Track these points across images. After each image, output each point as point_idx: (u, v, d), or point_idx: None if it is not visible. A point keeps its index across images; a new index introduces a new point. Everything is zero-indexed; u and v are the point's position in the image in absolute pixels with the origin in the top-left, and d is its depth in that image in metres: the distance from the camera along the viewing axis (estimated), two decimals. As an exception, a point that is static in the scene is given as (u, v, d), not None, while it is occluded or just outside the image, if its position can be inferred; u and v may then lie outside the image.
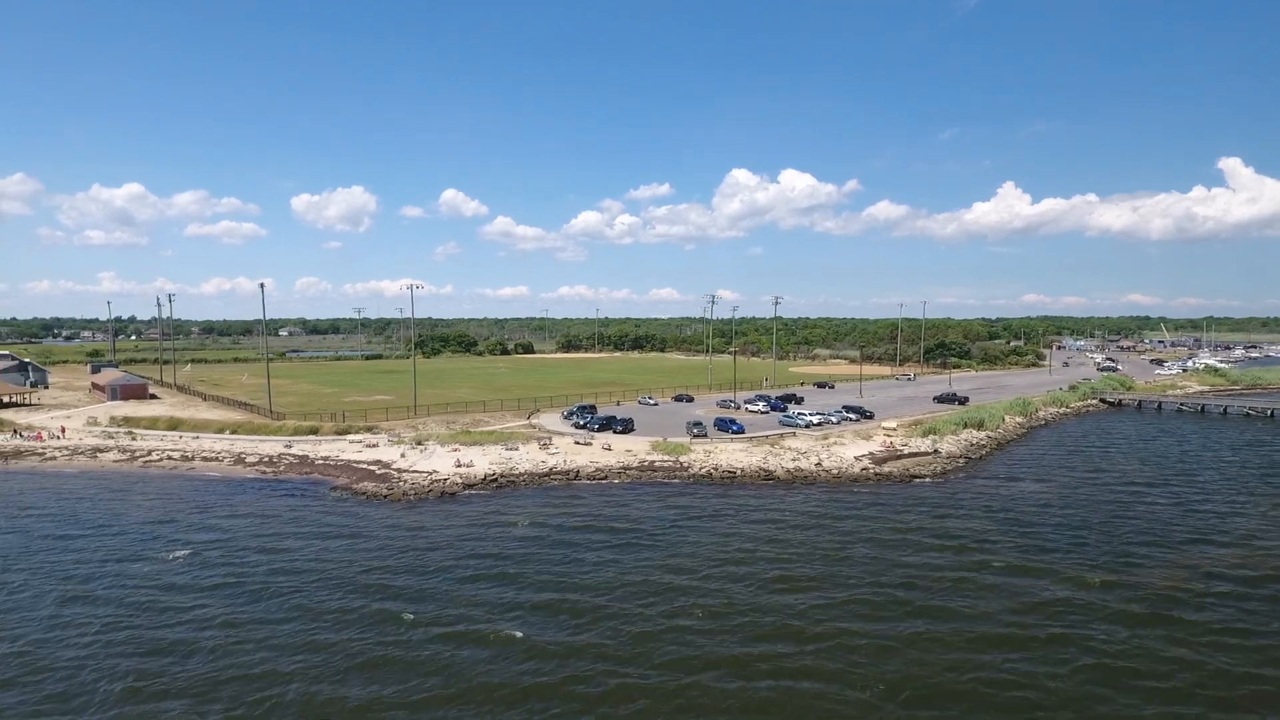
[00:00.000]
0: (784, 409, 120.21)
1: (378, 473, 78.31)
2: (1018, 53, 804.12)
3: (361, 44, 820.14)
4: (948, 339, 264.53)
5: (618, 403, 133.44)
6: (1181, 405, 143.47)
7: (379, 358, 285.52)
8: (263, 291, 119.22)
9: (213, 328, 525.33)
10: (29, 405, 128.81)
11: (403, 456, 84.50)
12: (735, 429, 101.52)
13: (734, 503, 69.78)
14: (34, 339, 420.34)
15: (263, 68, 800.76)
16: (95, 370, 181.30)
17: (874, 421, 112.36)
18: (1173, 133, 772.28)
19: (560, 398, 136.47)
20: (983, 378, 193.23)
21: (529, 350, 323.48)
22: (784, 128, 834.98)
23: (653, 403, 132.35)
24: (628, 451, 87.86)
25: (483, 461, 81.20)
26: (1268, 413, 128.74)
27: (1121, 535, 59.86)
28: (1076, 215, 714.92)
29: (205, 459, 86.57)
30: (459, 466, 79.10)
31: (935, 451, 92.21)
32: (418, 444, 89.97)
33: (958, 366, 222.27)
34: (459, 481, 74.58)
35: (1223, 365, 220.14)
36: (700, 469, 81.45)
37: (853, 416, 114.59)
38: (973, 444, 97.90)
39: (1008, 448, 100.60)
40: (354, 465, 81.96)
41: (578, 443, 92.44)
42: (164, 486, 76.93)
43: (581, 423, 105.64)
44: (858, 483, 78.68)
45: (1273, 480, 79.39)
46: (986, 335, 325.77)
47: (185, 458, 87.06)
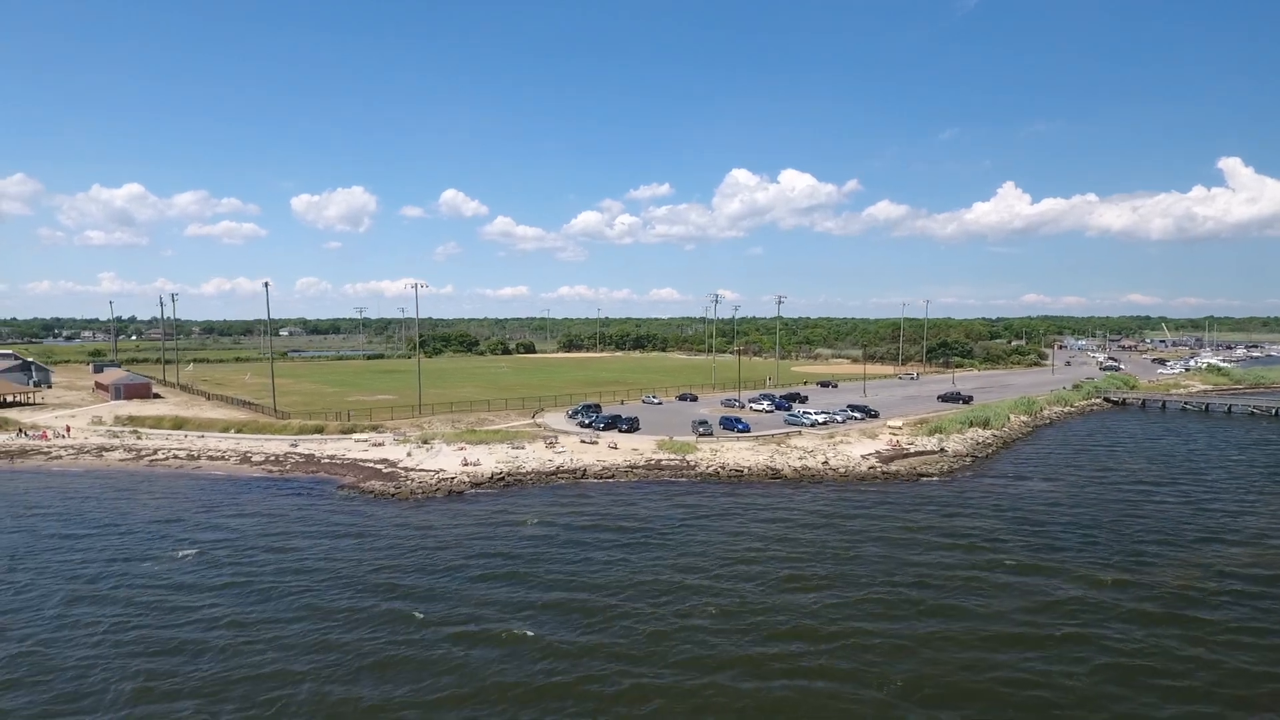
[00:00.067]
0: (789, 408, 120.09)
1: (384, 471, 78.15)
2: (1018, 53, 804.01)
3: (361, 44, 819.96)
4: (950, 338, 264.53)
5: (622, 402, 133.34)
6: (1186, 404, 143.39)
7: (380, 357, 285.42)
8: (267, 291, 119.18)
9: (213, 328, 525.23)
10: (33, 404, 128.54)
11: (409, 455, 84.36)
12: (741, 428, 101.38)
13: (742, 501, 69.62)
14: (34, 339, 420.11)
15: (263, 68, 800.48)
16: (98, 370, 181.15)
17: (879, 420, 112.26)
18: (1173, 133, 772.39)
19: (564, 397, 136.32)
20: (985, 377, 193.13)
21: (530, 350, 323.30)
22: (784, 128, 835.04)
23: (657, 402, 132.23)
24: (634, 450, 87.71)
25: (489, 460, 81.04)
26: (1272, 411, 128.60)
27: (1132, 534, 59.69)
28: (1076, 215, 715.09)
29: (211, 458, 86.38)
30: (465, 465, 78.94)
31: (942, 450, 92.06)
32: (424, 443, 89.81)
33: (960, 366, 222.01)
34: (466, 480, 74.42)
35: (1225, 364, 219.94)
36: (707, 468, 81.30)
37: (858, 415, 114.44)
38: (979, 443, 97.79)
39: (1014, 446, 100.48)
40: (360, 464, 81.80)
41: (583, 441, 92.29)
42: (170, 485, 76.76)
43: (587, 422, 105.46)
44: (865, 481, 78.56)
45: (1281, 479, 79.26)
46: (987, 335, 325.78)
47: (191, 457, 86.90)
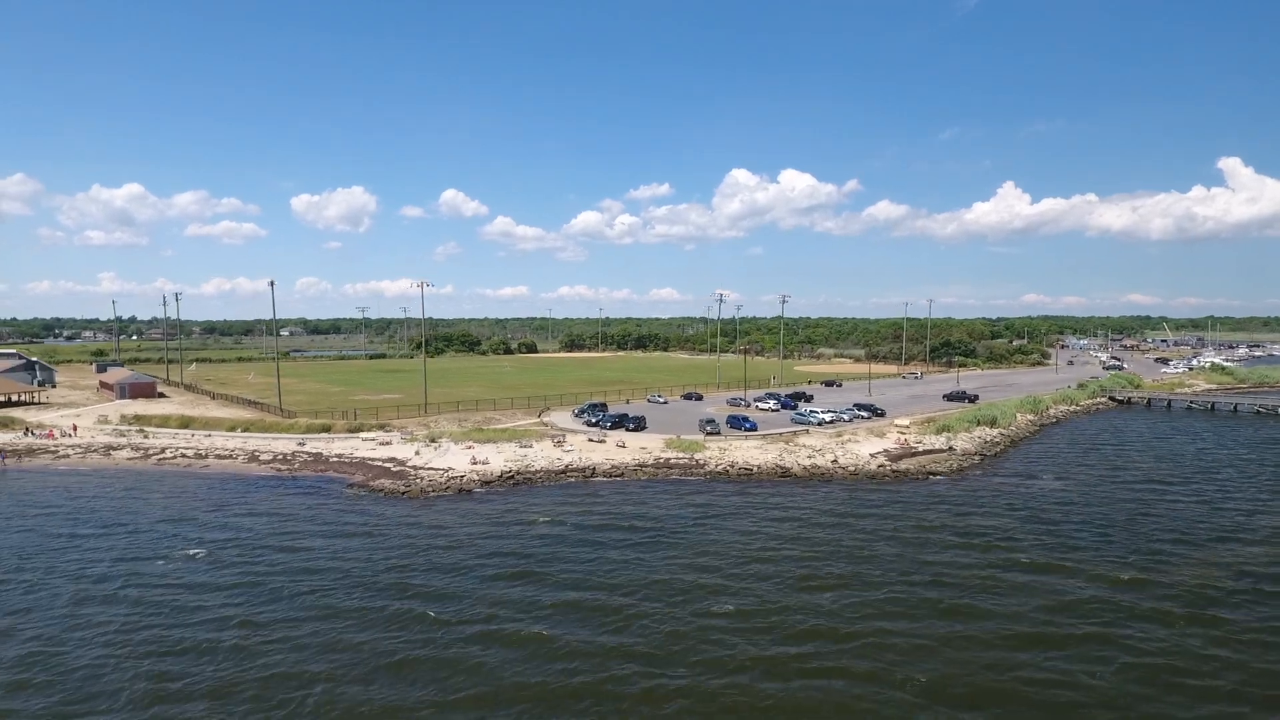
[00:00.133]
0: (795, 407, 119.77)
1: (393, 470, 77.89)
2: (1018, 53, 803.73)
3: (361, 44, 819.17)
4: (953, 338, 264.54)
5: (627, 401, 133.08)
6: (1191, 403, 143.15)
7: (383, 357, 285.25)
8: (272, 289, 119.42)
9: (214, 328, 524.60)
10: (38, 404, 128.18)
11: (417, 454, 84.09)
12: (748, 426, 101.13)
13: (753, 500, 69.34)
14: (35, 339, 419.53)
15: (263, 68, 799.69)
16: (101, 369, 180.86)
17: (886, 419, 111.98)
18: (1173, 133, 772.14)
19: (569, 396, 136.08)
20: (988, 376, 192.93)
21: (532, 350, 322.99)
22: (784, 128, 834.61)
23: (662, 401, 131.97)
24: (642, 449, 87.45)
25: (498, 459, 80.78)
26: (1278, 410, 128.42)
27: (1147, 533, 59.40)
28: (1076, 215, 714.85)
29: (219, 456, 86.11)
30: (474, 464, 78.68)
31: (950, 449, 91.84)
32: (431, 441, 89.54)
33: (963, 365, 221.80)
34: (476, 479, 74.16)
35: (1229, 364, 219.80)
36: (717, 466, 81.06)
37: (865, 414, 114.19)
38: (987, 441, 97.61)
39: (1021, 445, 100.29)
40: (369, 462, 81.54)
41: (591, 440, 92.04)
42: (179, 484, 76.47)
43: (594, 420, 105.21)
44: (875, 480, 78.34)
45: (1293, 478, 79.00)
46: (989, 335, 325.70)
47: (199, 455, 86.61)
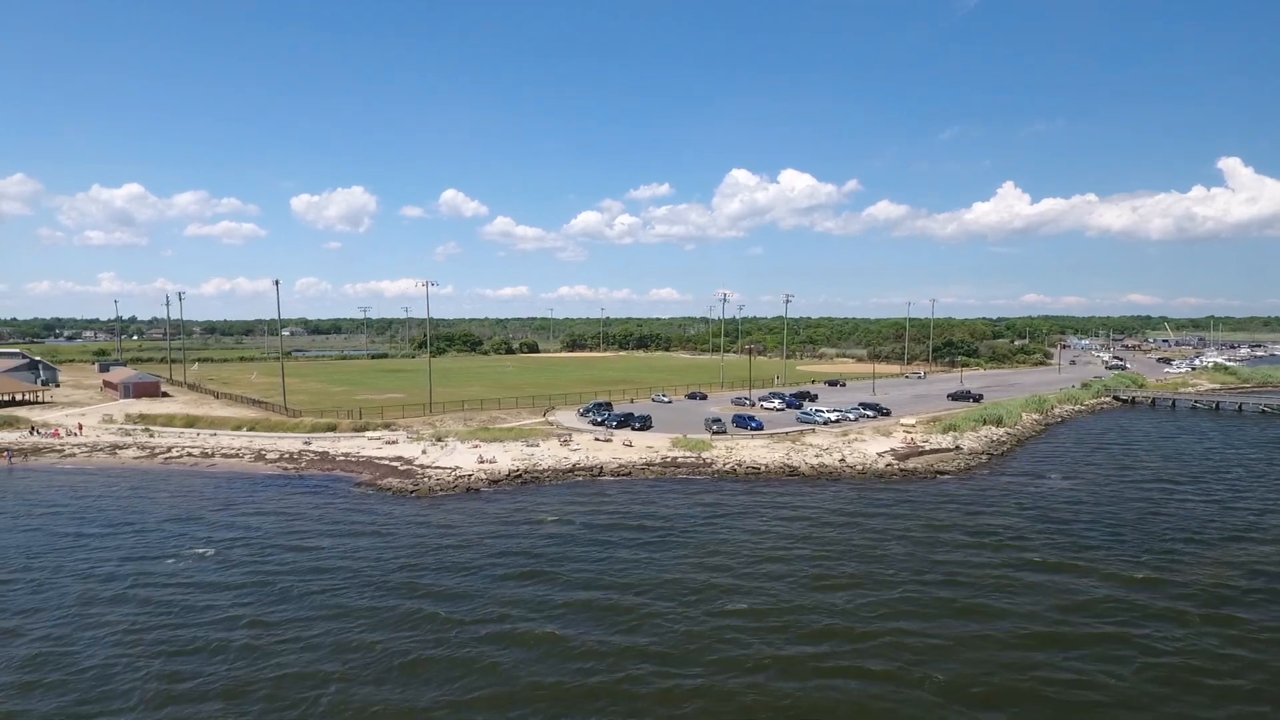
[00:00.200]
0: (800, 406, 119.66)
1: (401, 469, 77.68)
2: (1018, 53, 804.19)
3: (361, 44, 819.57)
4: (955, 337, 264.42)
5: (631, 400, 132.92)
6: (1196, 403, 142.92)
7: (384, 357, 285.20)
8: (277, 288, 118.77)
9: (214, 328, 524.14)
10: (42, 403, 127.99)
11: (424, 453, 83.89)
12: (754, 425, 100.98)
13: (762, 500, 69.12)
14: (35, 339, 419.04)
15: (263, 68, 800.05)
16: (104, 369, 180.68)
17: (891, 418, 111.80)
18: (1172, 133, 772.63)
19: (573, 396, 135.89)
20: (992, 376, 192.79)
21: (534, 349, 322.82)
22: (784, 128, 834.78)
23: (666, 400, 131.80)
24: (649, 448, 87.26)
25: (505, 458, 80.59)
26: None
27: (1158, 532, 59.18)
28: (1076, 215, 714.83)
29: (225, 455, 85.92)
30: (482, 463, 78.48)
31: (957, 448, 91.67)
32: (438, 440, 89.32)
33: (965, 365, 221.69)
34: (484, 477, 73.97)
35: (1231, 364, 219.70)
36: (724, 465, 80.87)
37: (870, 413, 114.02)
38: (993, 440, 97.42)
39: (1027, 444, 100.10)
40: (376, 461, 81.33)
41: (598, 439, 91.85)
42: (186, 483, 76.25)
43: (599, 420, 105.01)
44: (883, 479, 78.16)
45: (1302, 477, 78.78)
46: (990, 335, 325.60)
47: (205, 454, 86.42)
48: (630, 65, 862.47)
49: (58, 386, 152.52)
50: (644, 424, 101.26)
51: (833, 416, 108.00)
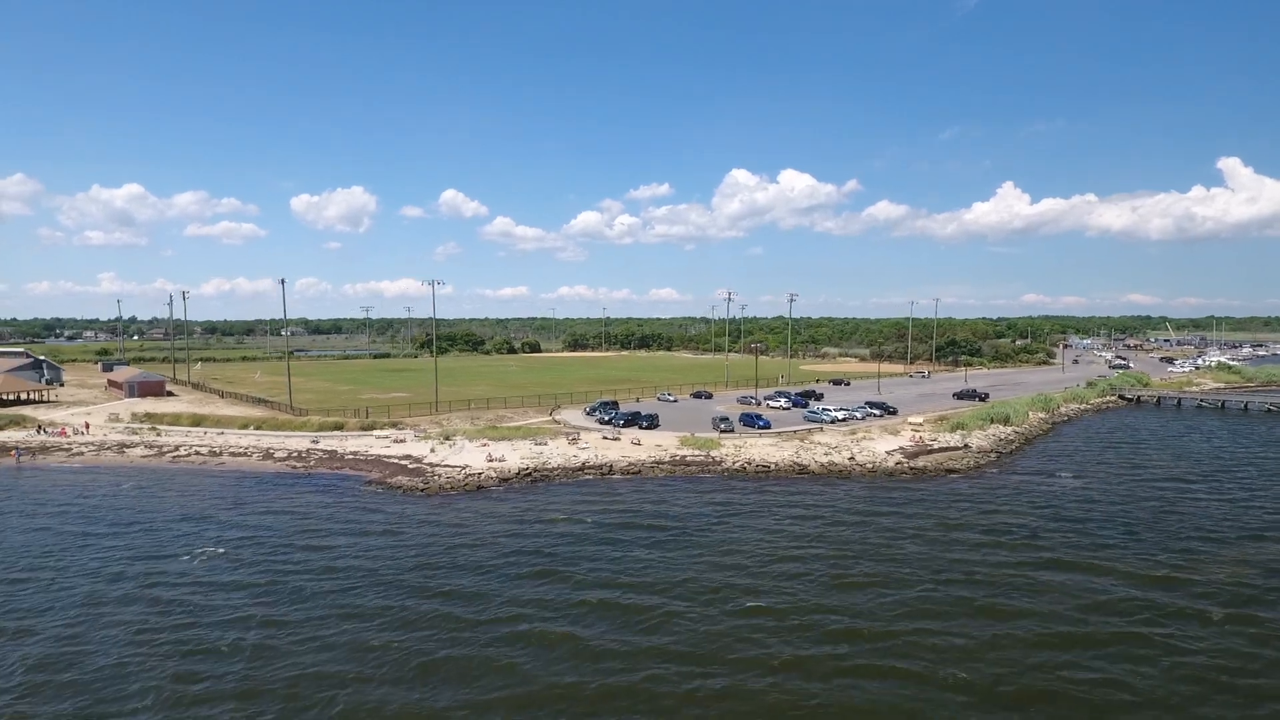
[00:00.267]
0: (806, 405, 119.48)
1: (410, 467, 77.38)
2: (1018, 53, 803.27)
3: (361, 44, 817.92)
4: (957, 337, 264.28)
5: (637, 399, 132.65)
6: (1202, 401, 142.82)
7: (387, 356, 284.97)
8: (282, 287, 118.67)
9: (214, 328, 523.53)
10: (47, 402, 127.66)
11: (432, 451, 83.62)
12: (762, 424, 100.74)
13: (773, 498, 68.81)
14: (36, 339, 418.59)
15: (263, 68, 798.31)
16: (107, 368, 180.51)
17: (898, 417, 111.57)
18: (1172, 133, 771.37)
19: (578, 395, 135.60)
20: (996, 375, 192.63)
21: (536, 349, 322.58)
22: (784, 128, 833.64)
23: (672, 399, 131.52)
24: (657, 446, 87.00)
25: (514, 456, 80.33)
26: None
27: (1174, 530, 58.90)
28: (1076, 215, 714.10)
29: (233, 454, 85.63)
30: (491, 461, 78.22)
31: (966, 446, 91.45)
32: (446, 439, 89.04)
33: (969, 364, 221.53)
34: (494, 476, 73.69)
35: (1235, 363, 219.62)
36: (734, 463, 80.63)
37: (877, 412, 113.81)
38: (1002, 439, 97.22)
39: (1036, 443, 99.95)
40: (384, 460, 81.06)
41: (606, 438, 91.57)
42: (195, 482, 75.91)
43: (606, 418, 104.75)
44: (893, 477, 77.96)
45: (1314, 476, 78.49)
46: (992, 334, 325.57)
47: (213, 453, 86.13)
48: (630, 65, 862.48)
49: (62, 386, 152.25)
50: (651, 423, 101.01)
51: (840, 415, 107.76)
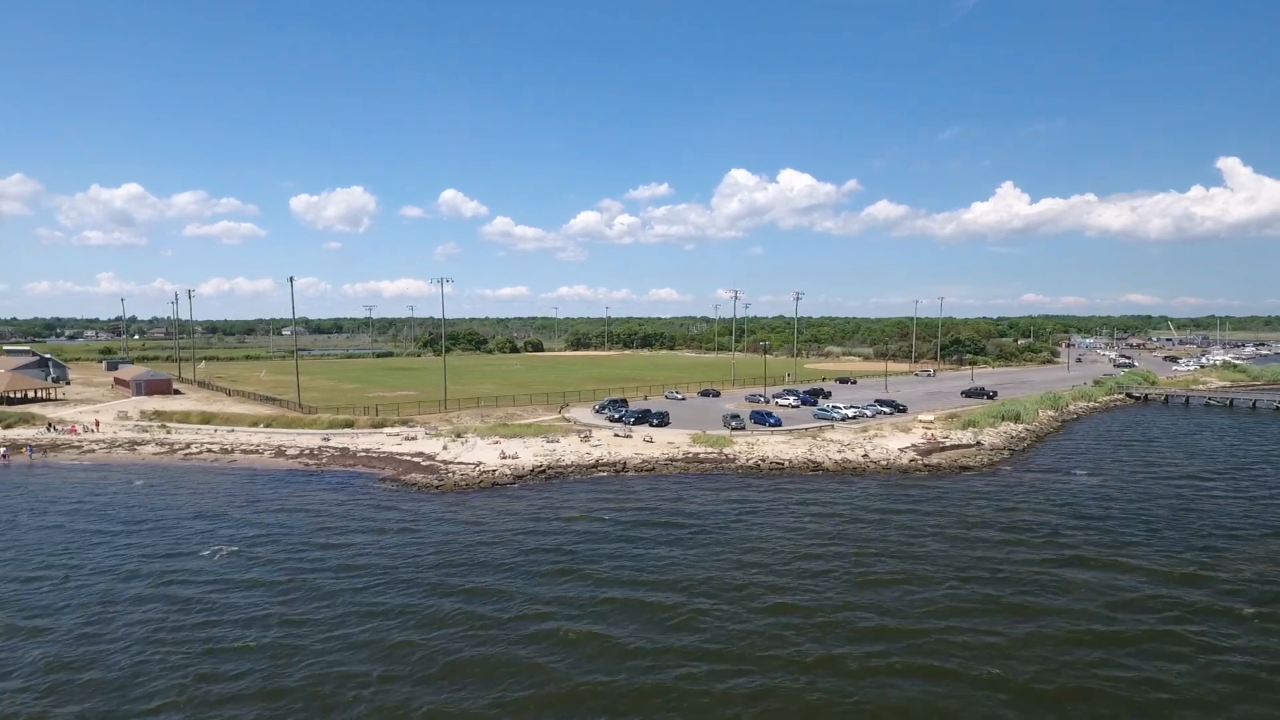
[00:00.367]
0: (814, 403, 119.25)
1: (423, 464, 77.05)
2: (1018, 53, 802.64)
3: (361, 44, 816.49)
4: (961, 336, 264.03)
5: (645, 397, 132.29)
6: (1210, 400, 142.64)
7: (390, 355, 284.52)
8: (290, 285, 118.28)
9: (215, 327, 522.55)
10: (55, 400, 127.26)
11: (445, 449, 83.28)
12: (773, 422, 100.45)
13: (789, 496, 68.45)
14: (37, 338, 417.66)
15: (263, 68, 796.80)
16: (112, 367, 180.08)
17: (908, 415, 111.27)
18: (1172, 133, 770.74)
19: (586, 393, 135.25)
20: (1001, 374, 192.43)
21: (538, 348, 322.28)
22: (784, 128, 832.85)
23: (680, 398, 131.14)
24: (669, 444, 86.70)
25: (527, 454, 80.00)
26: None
27: (1196, 528, 58.57)
28: (1075, 215, 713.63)
29: (245, 451, 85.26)
30: (504, 459, 77.88)
31: (978, 444, 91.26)
32: (457, 436, 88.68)
33: (974, 363, 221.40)
34: (508, 473, 73.39)
35: (1240, 362, 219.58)
36: (747, 461, 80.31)
37: (887, 410, 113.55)
38: (1013, 436, 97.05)
39: (1047, 440, 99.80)
40: (397, 457, 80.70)
41: (617, 435, 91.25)
42: (207, 479, 75.50)
43: (617, 416, 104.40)
44: (908, 474, 77.67)
45: (1331, 473, 78.19)
46: (995, 334, 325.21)
47: (224, 450, 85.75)
48: (630, 65, 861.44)
49: (68, 384, 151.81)
50: (662, 420, 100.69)
51: (850, 413, 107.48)
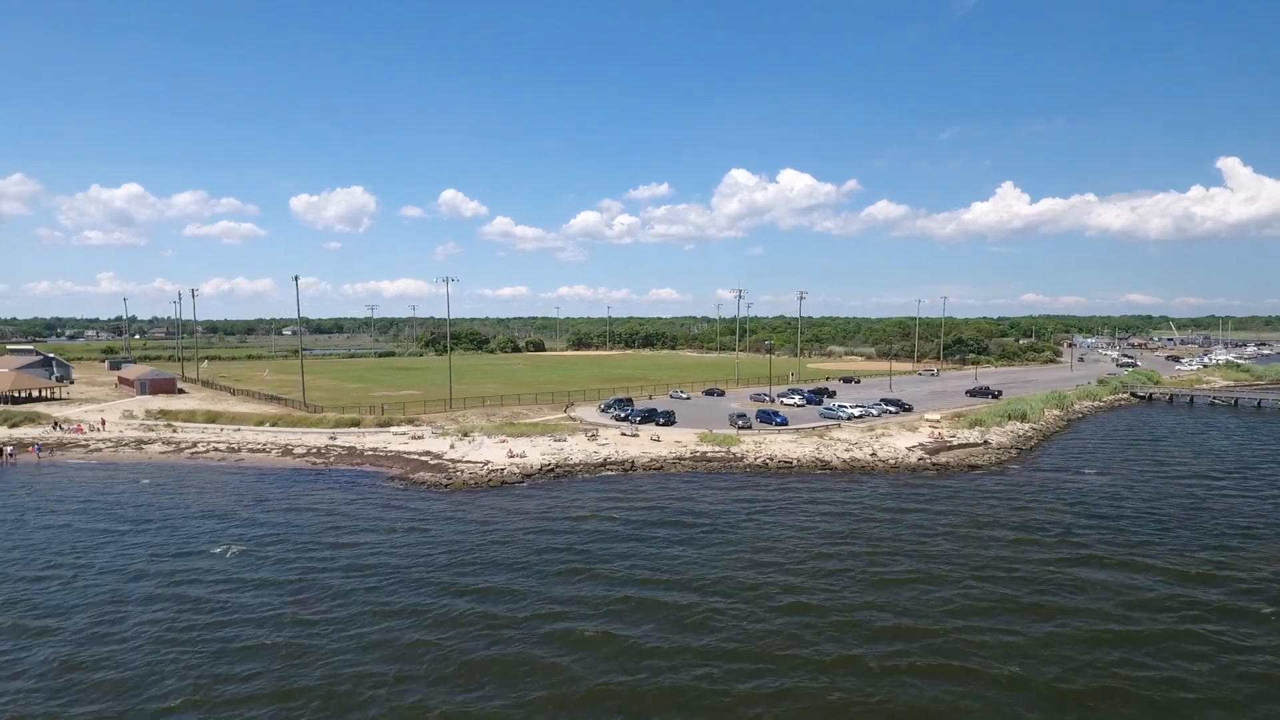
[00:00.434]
0: (819, 402, 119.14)
1: (431, 463, 76.83)
2: (1018, 53, 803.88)
3: (361, 44, 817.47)
4: (963, 335, 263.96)
5: (650, 396, 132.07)
6: (1215, 399, 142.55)
7: (391, 355, 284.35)
8: (296, 284, 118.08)
9: (215, 327, 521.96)
10: (59, 399, 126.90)
11: (452, 448, 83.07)
12: (779, 421, 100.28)
13: (798, 495, 68.22)
14: (38, 338, 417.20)
15: (263, 68, 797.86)
16: (115, 366, 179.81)
17: (914, 414, 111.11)
18: (1172, 133, 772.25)
19: (591, 393, 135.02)
20: (1004, 373, 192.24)
21: (540, 348, 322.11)
22: (784, 128, 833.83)
23: (685, 397, 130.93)
24: (677, 443, 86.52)
25: (534, 453, 79.82)
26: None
27: (1209, 527, 58.33)
28: (1075, 215, 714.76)
29: (252, 450, 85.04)
30: (512, 457, 77.67)
31: (985, 443, 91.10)
32: (464, 435, 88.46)
33: (976, 363, 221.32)
34: (516, 472, 73.18)
35: (1242, 361, 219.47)
36: (755, 459, 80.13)
37: (892, 409, 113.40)
38: (1020, 435, 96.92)
39: (1053, 439, 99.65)
40: (405, 456, 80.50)
41: (624, 434, 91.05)
42: (215, 478, 75.25)
43: (622, 415, 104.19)
44: (916, 473, 77.52)
45: (1341, 473, 78.03)
46: (996, 333, 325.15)
47: (231, 449, 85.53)
48: (630, 65, 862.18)
49: (72, 383, 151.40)
50: (668, 419, 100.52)
51: (856, 412, 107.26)
